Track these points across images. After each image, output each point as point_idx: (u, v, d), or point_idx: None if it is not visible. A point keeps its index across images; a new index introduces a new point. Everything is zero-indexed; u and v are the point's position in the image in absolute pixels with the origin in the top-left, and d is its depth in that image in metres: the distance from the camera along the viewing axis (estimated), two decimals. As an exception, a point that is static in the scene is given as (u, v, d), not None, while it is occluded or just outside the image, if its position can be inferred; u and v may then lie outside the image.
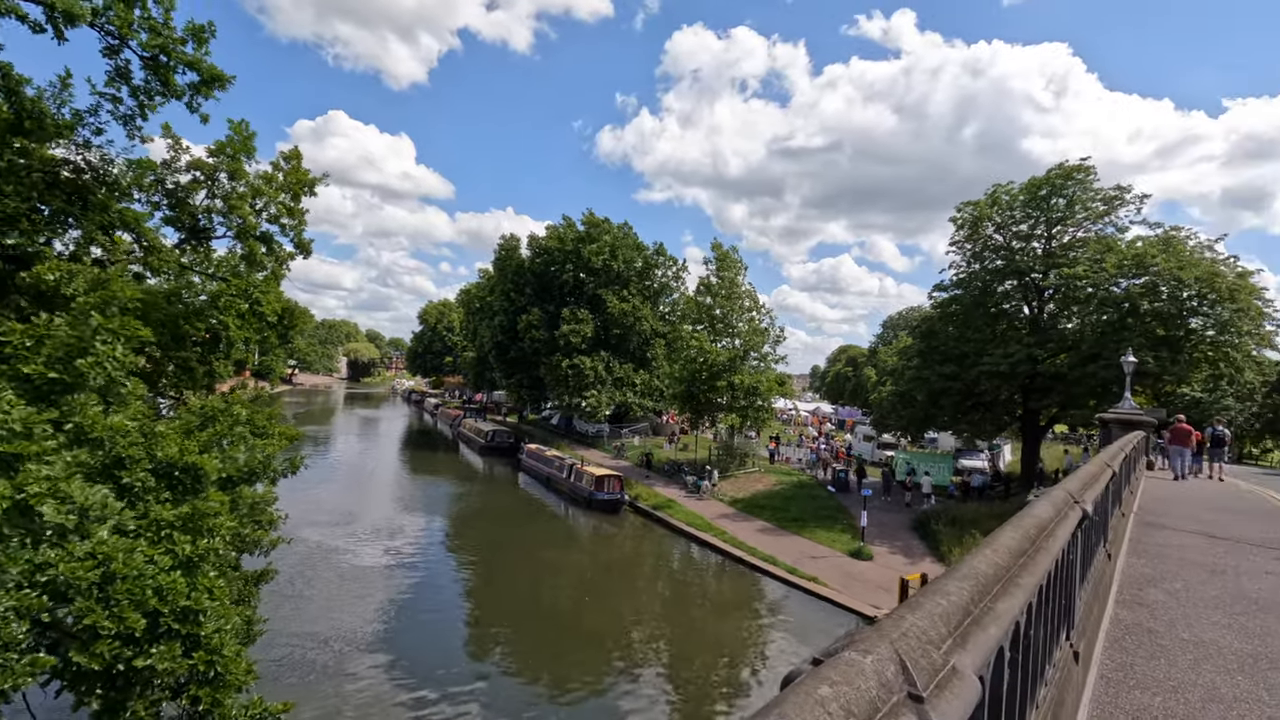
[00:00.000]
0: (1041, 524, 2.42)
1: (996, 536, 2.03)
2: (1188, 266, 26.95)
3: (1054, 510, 2.73)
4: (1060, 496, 3.04)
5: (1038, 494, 5.84)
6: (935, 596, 1.40)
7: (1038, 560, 2.05)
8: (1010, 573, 1.80)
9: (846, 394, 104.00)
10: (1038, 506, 2.68)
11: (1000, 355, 30.37)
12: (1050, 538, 2.37)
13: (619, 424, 56.32)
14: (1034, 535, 2.23)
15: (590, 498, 36.24)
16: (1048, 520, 2.51)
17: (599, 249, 53.58)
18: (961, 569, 1.66)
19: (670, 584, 25.90)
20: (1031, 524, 2.29)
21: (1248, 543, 8.77)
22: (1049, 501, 2.83)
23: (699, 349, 41.41)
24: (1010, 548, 1.97)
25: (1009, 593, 1.68)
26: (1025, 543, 2.10)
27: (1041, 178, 32.12)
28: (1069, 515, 2.88)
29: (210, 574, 6.71)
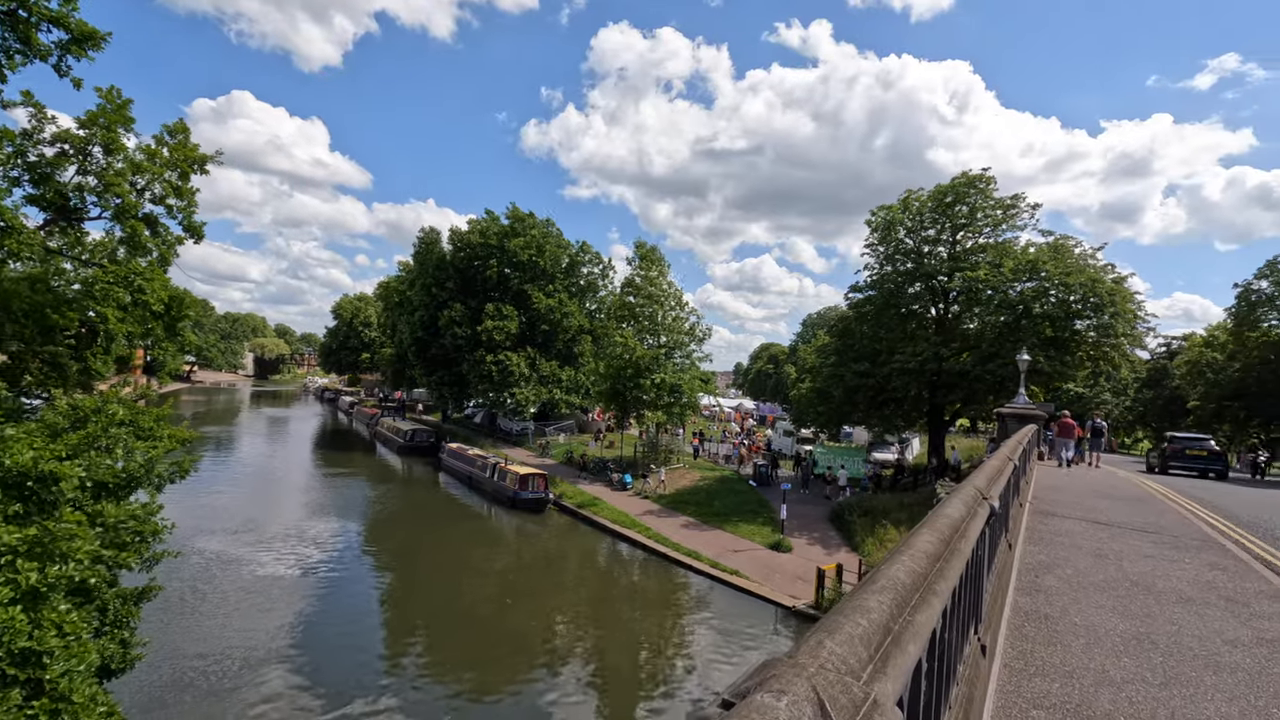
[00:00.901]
0: (955, 524, 2.40)
1: (913, 540, 1.97)
2: (1073, 273, 29.30)
3: (965, 509, 2.75)
4: (970, 493, 3.07)
5: (945, 487, 6.12)
6: (855, 616, 1.29)
7: (952, 563, 2.01)
8: (928, 580, 1.74)
9: (768, 390, 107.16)
10: (950, 505, 2.68)
11: (910, 353, 31.96)
12: (963, 538, 2.35)
13: (545, 422, 55.60)
14: (948, 536, 2.20)
15: (514, 497, 35.56)
16: (960, 519, 2.51)
17: (524, 244, 52.66)
18: (880, 579, 1.57)
19: (596, 582, 25.73)
20: (945, 524, 2.26)
21: (1127, 527, 9.50)
22: (960, 500, 2.84)
23: (625, 346, 41.40)
24: (927, 552, 1.91)
25: (927, 602, 1.60)
26: (940, 545, 2.06)
27: (947, 185, 34.00)
28: (979, 512, 2.91)
29: (60, 607, 5.90)
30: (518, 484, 35.66)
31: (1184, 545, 8.43)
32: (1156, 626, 4.87)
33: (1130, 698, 3.60)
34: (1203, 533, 9.59)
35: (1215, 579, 6.64)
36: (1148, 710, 3.46)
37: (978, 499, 3.07)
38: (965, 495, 2.96)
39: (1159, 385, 55.94)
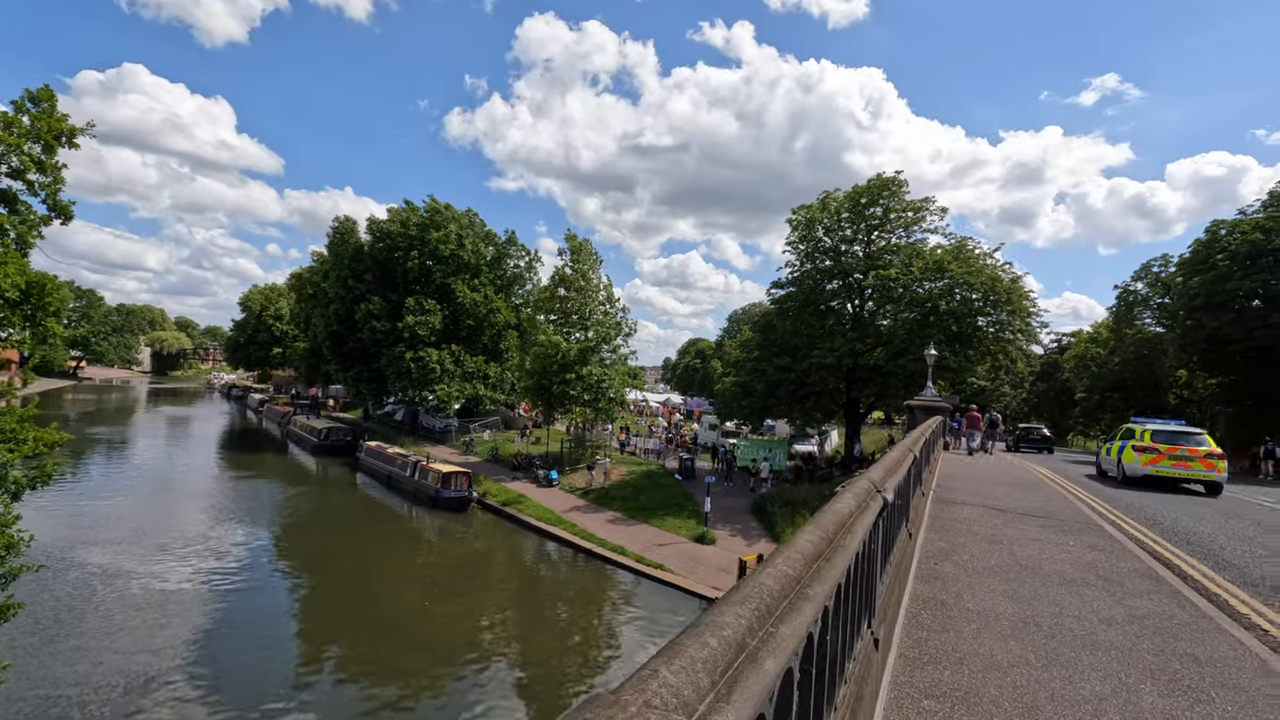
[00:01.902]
0: (842, 519, 2.35)
1: (795, 541, 1.88)
2: (974, 272, 31.08)
3: (856, 502, 2.71)
4: (863, 487, 3.05)
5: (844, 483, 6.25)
6: (705, 635, 1.15)
7: (835, 561, 1.93)
8: (801, 584, 1.64)
9: (695, 385, 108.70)
10: (841, 500, 2.63)
11: (828, 349, 33.05)
12: (849, 534, 2.29)
13: (469, 418, 54.21)
14: (832, 534, 2.13)
15: (436, 496, 34.46)
16: (848, 515, 2.45)
17: (446, 235, 51.04)
18: (745, 588, 1.45)
19: (521, 580, 25.28)
20: (832, 521, 2.20)
21: (1018, 512, 10.06)
22: (852, 493, 2.81)
23: (551, 341, 40.86)
24: (806, 553, 1.82)
25: (797, 608, 1.50)
26: (823, 544, 1.98)
27: (863, 187, 35.32)
28: (870, 505, 2.88)
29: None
30: (440, 483, 34.58)
31: (1068, 528, 9.00)
32: (1041, 609, 5.11)
33: (1015, 681, 3.71)
34: (1085, 516, 10.29)
35: (1095, 560, 7.08)
36: (1029, 693, 3.57)
37: (871, 492, 3.06)
38: (858, 489, 2.94)
39: (1051, 378, 60.36)
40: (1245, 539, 9.48)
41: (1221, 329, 30.61)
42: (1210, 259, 32.08)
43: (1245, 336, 29.78)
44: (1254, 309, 30.16)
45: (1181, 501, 13.17)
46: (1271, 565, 7.86)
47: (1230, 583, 6.89)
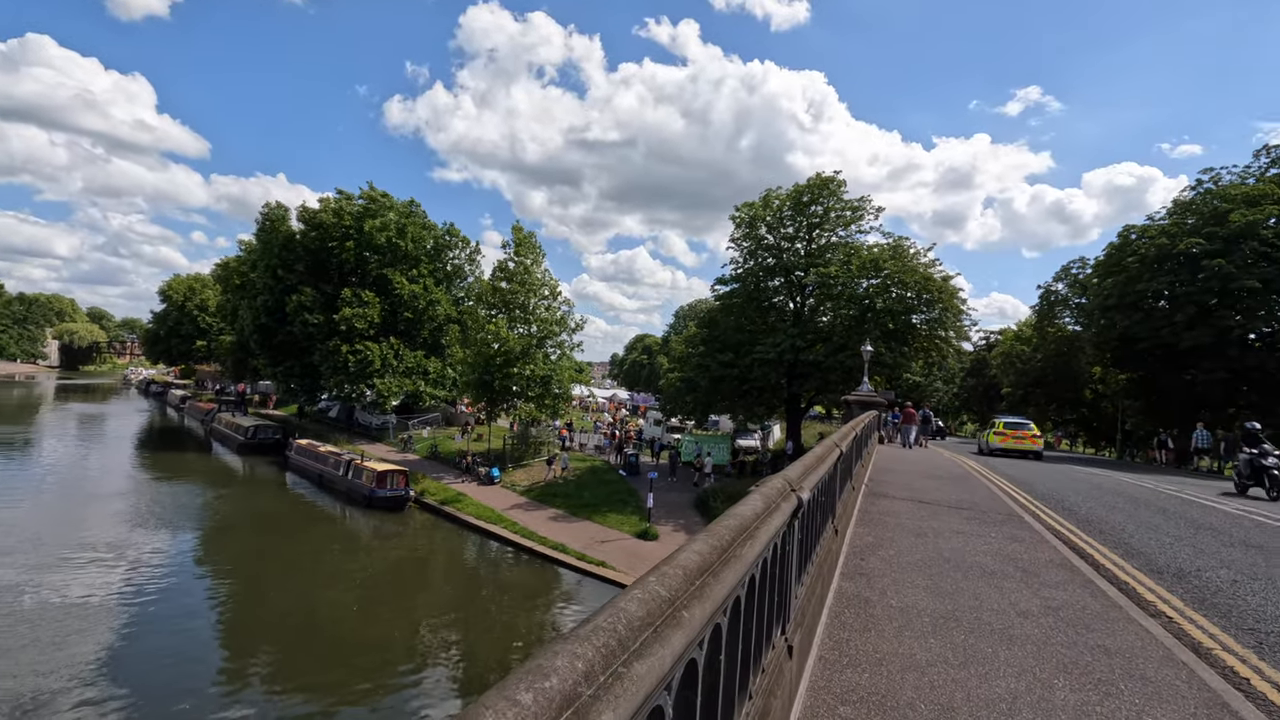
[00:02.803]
0: (744, 524, 2.15)
1: (679, 554, 1.66)
2: (909, 271, 32.04)
3: (765, 504, 2.52)
4: (776, 487, 2.87)
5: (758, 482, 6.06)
6: (519, 689, 0.91)
7: (725, 574, 1.72)
8: (677, 605, 1.42)
9: (642, 381, 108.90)
10: (746, 503, 2.44)
11: (770, 344, 33.50)
12: (750, 540, 2.10)
13: (408, 415, 52.61)
14: (729, 541, 1.92)
15: (371, 496, 33.27)
16: (752, 519, 2.26)
17: (385, 224, 49.27)
18: (597, 618, 1.21)
19: (461, 581, 24.63)
20: (730, 527, 1.99)
21: (945, 505, 10.27)
22: (761, 495, 2.62)
23: (494, 335, 39.99)
24: (690, 566, 1.60)
25: (662, 638, 1.27)
26: (714, 554, 1.77)
27: (804, 185, 35.91)
28: (782, 507, 2.71)
29: None
30: (374, 481, 33.40)
31: (990, 520, 9.22)
32: (961, 603, 5.11)
33: (932, 681, 3.64)
34: (1007, 507, 10.60)
35: (1014, 551, 7.23)
36: (946, 694, 3.50)
37: (784, 492, 2.88)
38: (769, 490, 2.76)
39: (980, 374, 63.09)
40: (1150, 527, 9.95)
41: (1131, 328, 32.48)
42: (1122, 262, 33.98)
43: (1152, 335, 31.68)
44: (1160, 309, 32.12)
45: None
46: (1167, 551, 8.24)
47: (1137, 570, 7.15)
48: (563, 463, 37.47)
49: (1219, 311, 29.76)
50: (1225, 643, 4.92)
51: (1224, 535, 9.65)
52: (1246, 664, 4.54)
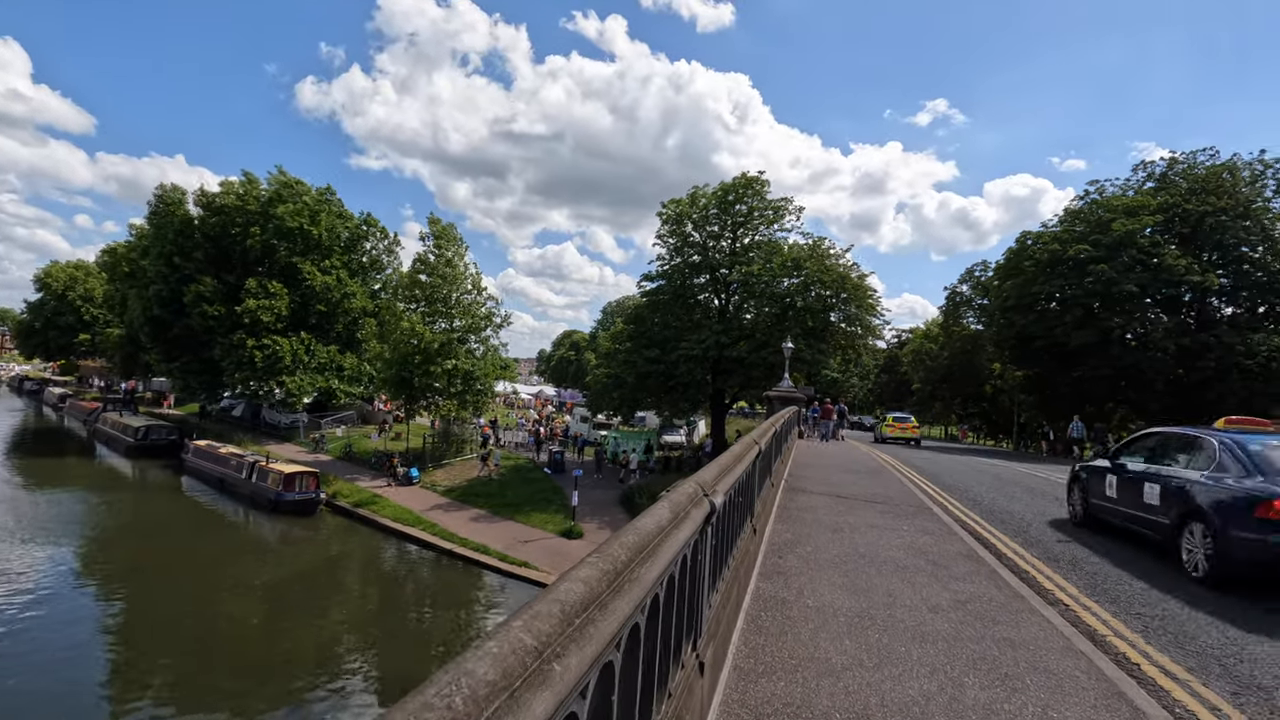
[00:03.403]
0: (643, 541, 1.91)
1: (556, 587, 1.39)
2: (827, 270, 33.08)
3: (672, 514, 2.30)
4: (687, 492, 2.66)
5: (669, 486, 5.94)
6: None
7: (614, 608, 1.48)
8: (545, 656, 1.16)
9: (569, 377, 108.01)
10: (652, 513, 2.21)
11: (695, 341, 33.81)
12: (650, 559, 1.86)
13: (321, 413, 49.91)
14: (623, 564, 1.68)
15: (277, 499, 31.25)
16: (654, 533, 2.03)
17: (295, 212, 46.42)
18: (435, 686, 0.93)
19: (377, 586, 23.49)
20: (623, 549, 1.75)
21: (860, 499, 10.50)
22: (669, 503, 2.40)
23: (413, 329, 38.44)
24: (568, 603, 1.34)
25: (521, 704, 1.01)
26: (603, 583, 1.52)
27: (729, 184, 36.40)
28: (692, 514, 2.50)
29: None
30: (282, 484, 31.40)
31: (902, 513, 9.48)
32: (876, 600, 5.12)
33: (847, 687, 3.55)
34: (918, 500, 10.96)
35: (924, 544, 7.41)
36: (861, 699, 3.41)
37: (696, 498, 2.68)
38: (678, 496, 2.54)
39: (893, 371, 66.17)
40: (1046, 516, 10.54)
41: (1027, 327, 34.80)
42: (1019, 266, 36.35)
43: (1045, 334, 34.04)
44: (1052, 310, 34.57)
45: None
46: (1062, 539, 8.70)
47: (1036, 559, 7.49)
48: (495, 460, 36.52)
49: (1102, 314, 32.31)
50: (1117, 629, 5.15)
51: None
52: (1136, 649, 4.75)
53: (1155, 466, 8.04)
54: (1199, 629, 5.12)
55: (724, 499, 3.11)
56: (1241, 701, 3.91)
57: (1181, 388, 31.55)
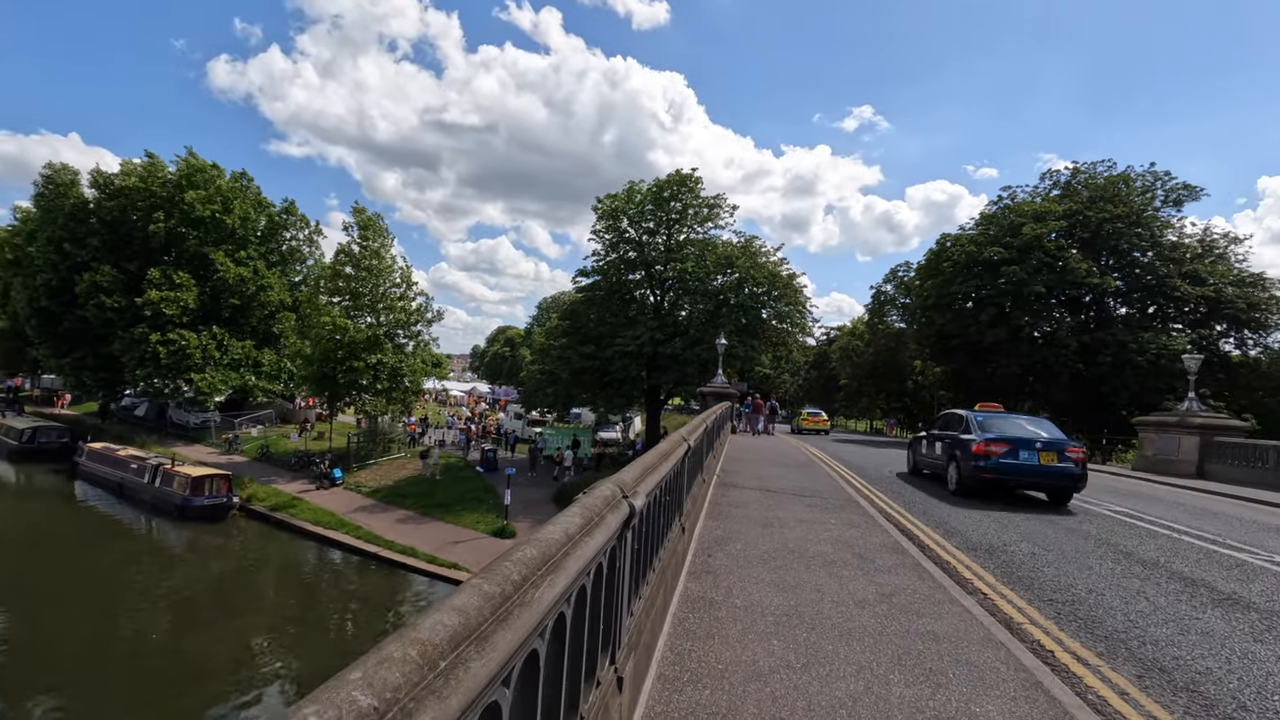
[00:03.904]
0: (546, 554, 1.68)
1: (418, 625, 1.14)
2: (759, 268, 33.65)
3: (582, 521, 2.08)
4: (603, 495, 2.44)
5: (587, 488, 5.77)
6: None
7: (495, 641, 1.24)
8: (422, 687, 0.92)
9: (504, 374, 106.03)
10: (559, 521, 1.98)
11: (630, 337, 33.71)
12: (554, 574, 1.63)
13: (236, 412, 47.02)
14: (516, 585, 1.44)
15: (184, 505, 29.21)
16: (559, 544, 1.80)
17: (206, 198, 43.44)
18: None
19: (296, 594, 22.23)
20: (519, 567, 1.52)
21: (790, 493, 10.58)
22: (580, 508, 2.18)
23: (335, 324, 36.68)
24: (439, 639, 1.10)
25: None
26: (482, 614, 1.27)
27: (664, 181, 36.45)
28: (607, 519, 2.28)
29: None
30: (189, 488, 29.36)
31: (830, 506, 9.60)
32: (804, 597, 5.06)
33: (774, 692, 3.43)
34: (845, 493, 11.15)
35: (851, 537, 7.48)
36: (788, 704, 3.30)
37: (613, 501, 2.46)
38: (593, 500, 2.32)
39: (822, 367, 68.15)
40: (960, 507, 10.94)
41: (946, 326, 36.45)
42: (939, 267, 38.02)
43: (962, 332, 35.75)
44: (968, 309, 36.34)
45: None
46: (979, 528, 9.03)
47: (956, 548, 7.70)
48: (433, 458, 35.32)
49: (1013, 313, 34.20)
50: (1032, 616, 5.29)
51: (1020, 508, 10.81)
52: (1049, 635, 4.87)
53: (941, 432, 13.44)
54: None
55: (646, 501, 2.92)
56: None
57: (1083, 382, 33.75)
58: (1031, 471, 11.16)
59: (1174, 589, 6.33)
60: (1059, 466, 11.09)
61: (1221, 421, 20.88)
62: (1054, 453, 11.20)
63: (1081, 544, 8.27)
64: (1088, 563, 7.26)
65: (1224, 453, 19.15)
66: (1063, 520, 9.98)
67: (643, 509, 2.90)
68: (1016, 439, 11.39)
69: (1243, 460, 18.39)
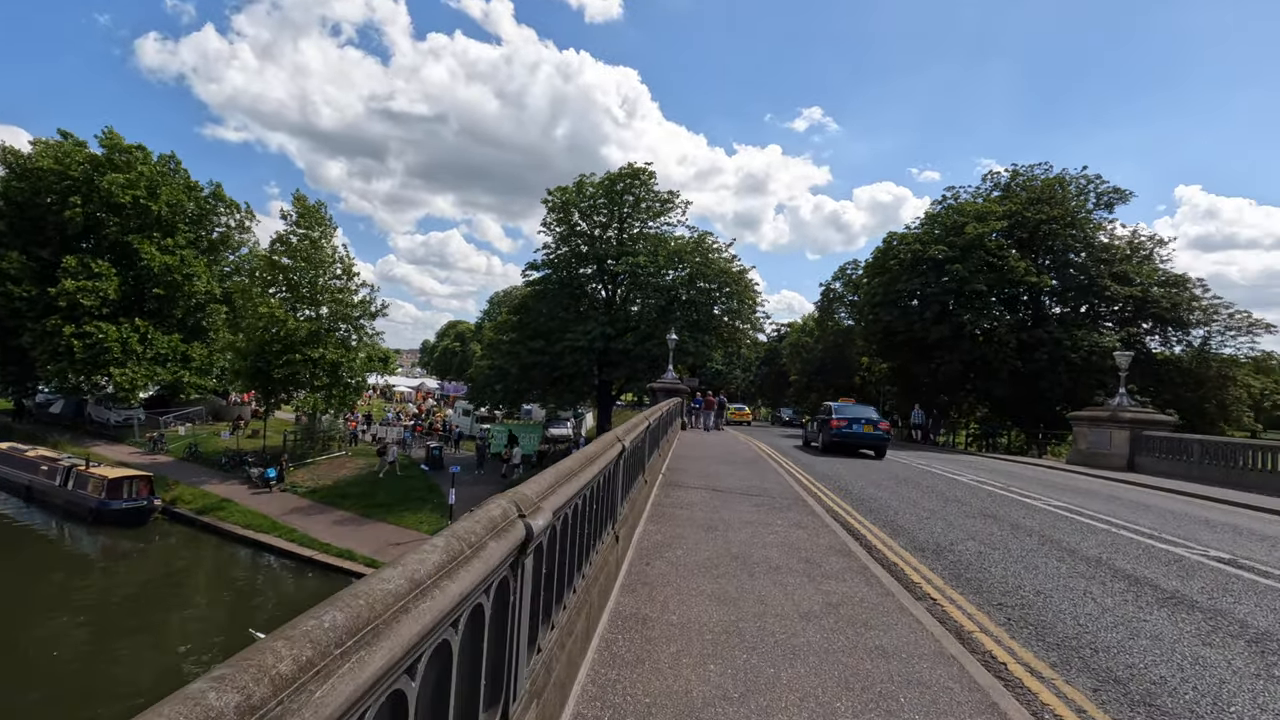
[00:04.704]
0: (368, 613, 1.19)
1: None
2: (711, 264, 33.52)
3: (448, 555, 1.59)
4: (489, 517, 1.96)
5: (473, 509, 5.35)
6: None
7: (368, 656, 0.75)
8: None
9: (454, 369, 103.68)
10: (405, 563, 1.49)
11: (581, 332, 33.11)
12: (382, 637, 1.14)
13: (163, 409, 44.35)
14: (289, 679, 0.95)
15: (99, 508, 27.33)
16: (400, 596, 1.31)
17: (129, 183, 40.69)
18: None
19: (225, 603, 20.92)
20: (327, 631, 1.03)
21: (737, 492, 10.27)
22: (449, 537, 1.69)
23: (271, 316, 34.82)
24: None
25: None
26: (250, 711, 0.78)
27: (616, 174, 35.93)
28: (489, 547, 1.80)
29: None
30: (105, 490, 27.48)
31: (778, 505, 9.32)
32: (746, 610, 4.68)
33: (706, 730, 3.01)
34: (793, 491, 10.92)
35: (798, 539, 7.18)
36: (722, 745, 2.88)
37: (500, 523, 1.98)
38: (471, 526, 1.83)
39: (773, 363, 68.86)
40: (910, 502, 10.84)
41: (893, 323, 37.07)
42: (886, 264, 38.63)
43: (907, 329, 36.42)
44: (914, 307, 37.03)
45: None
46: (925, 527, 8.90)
47: (904, 549, 7.50)
48: (391, 455, 33.95)
49: (956, 310, 34.99)
50: (982, 623, 5.05)
51: (965, 506, 10.79)
52: (1001, 645, 4.62)
53: (815, 417, 21.51)
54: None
55: (552, 519, 2.44)
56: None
57: (1021, 378, 34.81)
58: (859, 437, 18.67)
59: (1119, 588, 6.23)
60: (874, 434, 18.68)
61: (1150, 416, 21.71)
62: (872, 425, 18.82)
63: (1026, 541, 8.20)
64: (1034, 561, 7.14)
65: (1153, 446, 19.88)
66: (1004, 516, 9.97)
67: (548, 528, 2.42)
68: (853, 418, 18.92)
69: (1170, 453, 19.11)
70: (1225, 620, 5.38)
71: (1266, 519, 11.50)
